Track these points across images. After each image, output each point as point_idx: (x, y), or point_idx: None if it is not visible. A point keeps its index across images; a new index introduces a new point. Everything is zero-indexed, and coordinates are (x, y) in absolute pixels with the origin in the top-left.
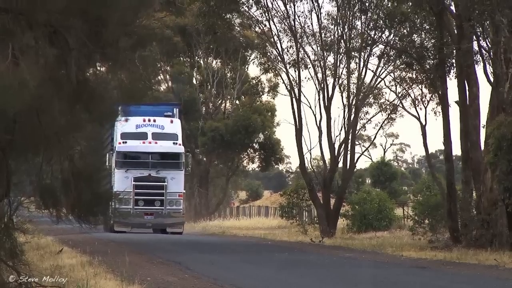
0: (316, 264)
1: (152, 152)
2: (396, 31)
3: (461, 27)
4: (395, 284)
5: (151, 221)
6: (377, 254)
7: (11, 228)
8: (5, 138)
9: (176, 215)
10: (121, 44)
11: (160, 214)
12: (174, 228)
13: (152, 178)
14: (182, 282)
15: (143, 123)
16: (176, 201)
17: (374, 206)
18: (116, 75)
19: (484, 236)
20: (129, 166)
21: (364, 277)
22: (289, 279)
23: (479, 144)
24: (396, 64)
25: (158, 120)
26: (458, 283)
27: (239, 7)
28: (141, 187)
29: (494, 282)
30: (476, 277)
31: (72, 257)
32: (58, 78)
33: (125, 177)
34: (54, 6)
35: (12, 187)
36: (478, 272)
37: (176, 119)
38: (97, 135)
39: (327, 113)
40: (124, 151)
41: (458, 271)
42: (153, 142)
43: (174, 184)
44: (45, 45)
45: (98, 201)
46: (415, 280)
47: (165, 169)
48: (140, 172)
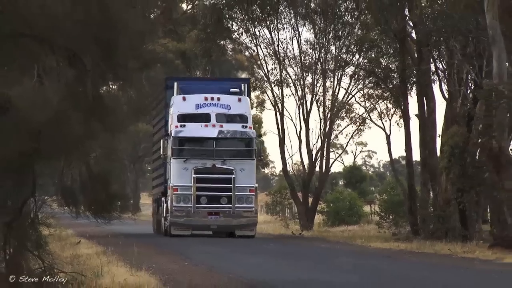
0: (298, 253)
1: (217, 138)
2: (365, 54)
3: (420, 51)
4: (369, 270)
5: (216, 222)
6: (348, 245)
7: (37, 223)
8: (32, 146)
9: (247, 215)
10: (130, 66)
11: (227, 214)
12: (244, 231)
13: (217, 170)
14: (183, 269)
15: (205, 102)
16: (247, 198)
17: (346, 204)
18: (126, 92)
19: (440, 229)
20: (189, 155)
21: (342, 263)
22: (275, 266)
23: (435, 152)
24: (365, 83)
25: (223, 98)
26: (418, 269)
27: (231, 34)
28: (204, 180)
29: (449, 269)
30: (433, 264)
31: (88, 247)
32: (76, 94)
33: (184, 168)
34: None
35: (37, 188)
36: (435, 260)
37: (245, 97)
38: (110, 143)
39: (306, 125)
40: (182, 137)
41: (418, 259)
42: (217, 126)
43: (244, 177)
44: (65, 66)
45: (111, 200)
46: (383, 267)
47: (232, 159)
48: (202, 162)
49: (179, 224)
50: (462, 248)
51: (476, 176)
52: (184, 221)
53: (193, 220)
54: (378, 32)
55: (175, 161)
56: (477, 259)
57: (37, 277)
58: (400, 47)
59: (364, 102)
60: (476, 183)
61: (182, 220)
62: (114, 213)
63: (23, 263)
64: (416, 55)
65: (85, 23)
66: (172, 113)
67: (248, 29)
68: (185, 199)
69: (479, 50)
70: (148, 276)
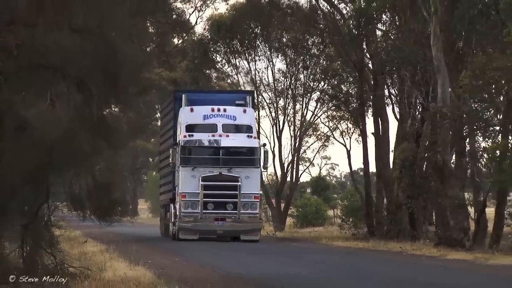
0: (272, 250)
1: (223, 147)
2: (329, 82)
3: (376, 79)
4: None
5: (222, 228)
6: (315, 243)
7: (50, 225)
8: (45, 159)
9: (252, 220)
10: (130, 91)
11: (233, 219)
12: (249, 235)
13: (224, 177)
14: (174, 264)
15: (212, 113)
16: (252, 204)
17: (313, 209)
18: (126, 114)
19: (392, 230)
20: (196, 163)
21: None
22: (252, 261)
23: (388, 164)
24: (329, 106)
25: (229, 109)
26: (373, 264)
27: (215, 65)
28: (211, 187)
29: (399, 263)
30: (386, 259)
31: (94, 246)
32: (83, 116)
33: (192, 176)
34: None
35: (50, 195)
36: (388, 257)
37: (250, 109)
38: (112, 157)
39: (279, 142)
40: (190, 146)
41: (373, 255)
42: (224, 135)
43: (249, 184)
44: (74, 92)
45: (113, 206)
46: (343, 262)
47: (238, 167)
48: (209, 170)
49: (187, 229)
50: (411, 246)
51: (423, 185)
52: (191, 226)
53: (200, 225)
54: (340, 63)
55: (183, 169)
56: (423, 256)
57: (47, 273)
58: (359, 75)
59: (328, 122)
60: (423, 191)
61: (190, 225)
62: (115, 217)
63: (38, 259)
64: (372, 82)
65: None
66: (181, 123)
67: (229, 60)
68: (193, 205)
69: (426, 78)
70: (145, 270)
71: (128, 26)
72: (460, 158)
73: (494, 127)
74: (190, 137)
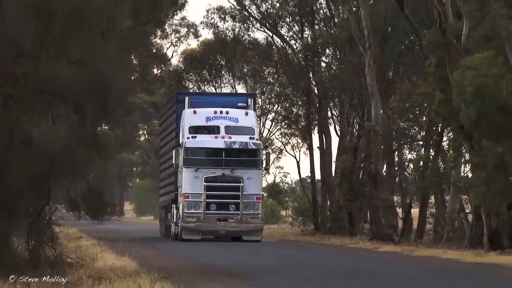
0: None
1: (226, 149)
2: (282, 105)
3: (321, 102)
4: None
5: (224, 228)
6: (270, 238)
7: (51, 223)
8: (47, 169)
9: (253, 221)
10: (117, 113)
11: (235, 220)
12: (251, 236)
13: (226, 178)
14: (154, 255)
15: (215, 115)
16: (254, 205)
17: (269, 210)
18: (114, 131)
19: (334, 227)
20: (199, 164)
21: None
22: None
23: (331, 173)
24: (282, 124)
25: (231, 112)
26: (319, 255)
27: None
28: (214, 188)
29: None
30: (329, 251)
31: (87, 240)
32: (79, 133)
33: (195, 177)
34: (77, 89)
35: (51, 198)
36: (331, 249)
37: (251, 111)
38: (103, 167)
39: None
40: (193, 147)
41: (319, 248)
42: (226, 137)
43: (251, 185)
44: (71, 113)
45: (103, 207)
46: (294, 254)
47: (240, 168)
48: (212, 171)
49: (190, 229)
50: (350, 241)
51: (359, 190)
52: (194, 227)
53: (203, 226)
54: (291, 89)
55: (186, 170)
56: (360, 248)
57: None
58: (306, 99)
59: (281, 138)
60: (360, 195)
61: (192, 225)
62: (105, 216)
63: (41, 252)
64: (318, 105)
65: (86, 83)
66: (184, 125)
67: (199, 87)
68: (196, 206)
69: (362, 101)
70: (130, 260)
71: (116, 59)
72: (390, 167)
73: (418, 142)
74: (193, 138)
